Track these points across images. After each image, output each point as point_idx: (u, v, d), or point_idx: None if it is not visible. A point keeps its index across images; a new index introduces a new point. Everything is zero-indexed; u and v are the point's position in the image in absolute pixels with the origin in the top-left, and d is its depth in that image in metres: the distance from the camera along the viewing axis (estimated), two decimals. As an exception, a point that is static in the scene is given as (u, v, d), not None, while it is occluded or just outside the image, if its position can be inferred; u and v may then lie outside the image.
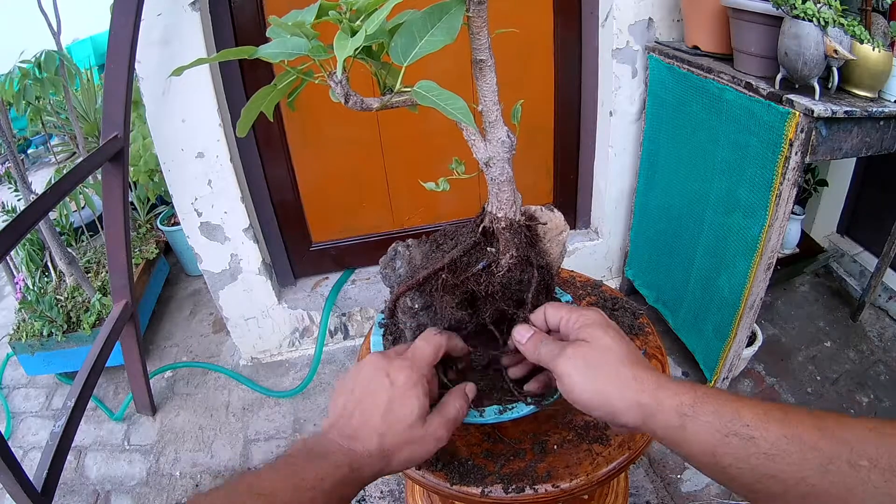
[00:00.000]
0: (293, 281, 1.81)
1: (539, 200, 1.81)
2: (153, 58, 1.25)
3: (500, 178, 0.56)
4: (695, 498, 1.27)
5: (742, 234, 1.23)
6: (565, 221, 0.63)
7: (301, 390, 1.64)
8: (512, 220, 0.58)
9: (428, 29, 0.47)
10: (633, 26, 1.43)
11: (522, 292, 0.59)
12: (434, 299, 0.60)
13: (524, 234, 0.58)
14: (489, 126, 0.54)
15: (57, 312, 1.65)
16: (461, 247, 0.60)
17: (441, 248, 0.63)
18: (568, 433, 0.64)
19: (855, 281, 1.80)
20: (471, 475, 0.60)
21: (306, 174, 1.64)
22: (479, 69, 0.52)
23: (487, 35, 0.49)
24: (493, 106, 0.53)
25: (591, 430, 0.64)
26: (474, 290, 0.59)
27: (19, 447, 1.60)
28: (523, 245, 0.58)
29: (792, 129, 1.04)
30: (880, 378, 1.53)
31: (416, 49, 0.47)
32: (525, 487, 0.58)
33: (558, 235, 0.62)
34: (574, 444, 0.63)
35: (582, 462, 0.60)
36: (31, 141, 3.31)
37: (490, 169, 0.55)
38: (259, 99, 0.55)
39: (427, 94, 0.48)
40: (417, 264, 0.63)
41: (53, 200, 1.13)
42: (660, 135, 1.47)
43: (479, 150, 0.55)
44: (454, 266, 0.59)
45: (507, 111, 0.56)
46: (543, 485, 0.58)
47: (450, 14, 0.47)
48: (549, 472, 0.60)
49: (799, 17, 0.97)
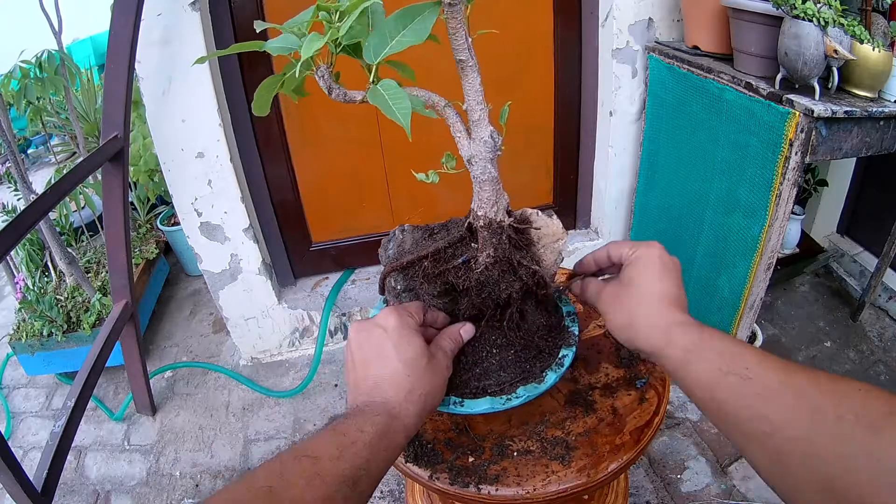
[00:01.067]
0: (293, 281, 1.81)
1: (539, 200, 1.83)
2: (153, 58, 1.25)
3: (481, 177, 0.57)
4: (695, 498, 1.27)
5: (742, 234, 1.23)
6: (563, 229, 0.62)
7: (301, 390, 1.64)
8: (491, 220, 0.58)
9: (399, 30, 0.48)
10: (633, 26, 1.43)
11: (502, 293, 0.59)
12: (415, 284, 0.62)
13: (505, 235, 0.59)
14: (473, 125, 0.55)
15: (57, 312, 1.65)
16: (446, 239, 0.62)
17: (433, 238, 0.65)
18: (533, 444, 0.63)
19: (855, 281, 1.80)
20: (426, 457, 0.62)
21: (306, 174, 1.64)
22: (461, 69, 0.53)
23: (466, 36, 0.50)
24: (475, 105, 0.54)
25: (557, 447, 0.62)
26: (453, 282, 0.60)
27: (19, 447, 1.60)
28: (503, 246, 0.59)
29: (792, 129, 1.04)
30: (880, 378, 1.53)
31: (386, 49, 0.49)
32: (469, 484, 0.59)
33: (554, 242, 0.62)
34: (534, 457, 0.62)
35: (534, 476, 0.59)
36: (31, 141, 3.31)
37: (472, 167, 0.57)
38: (270, 84, 0.57)
39: (382, 93, 0.49)
40: (406, 249, 0.65)
41: (53, 200, 1.13)
42: (660, 135, 1.47)
43: (463, 147, 0.56)
44: (437, 256, 0.61)
45: (497, 111, 0.57)
46: (487, 486, 0.58)
47: (422, 16, 0.48)
48: (499, 475, 0.59)
49: (799, 17, 0.97)
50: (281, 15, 0.57)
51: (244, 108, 1.46)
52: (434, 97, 0.55)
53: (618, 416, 0.65)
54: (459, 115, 0.56)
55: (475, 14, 0.51)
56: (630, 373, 0.70)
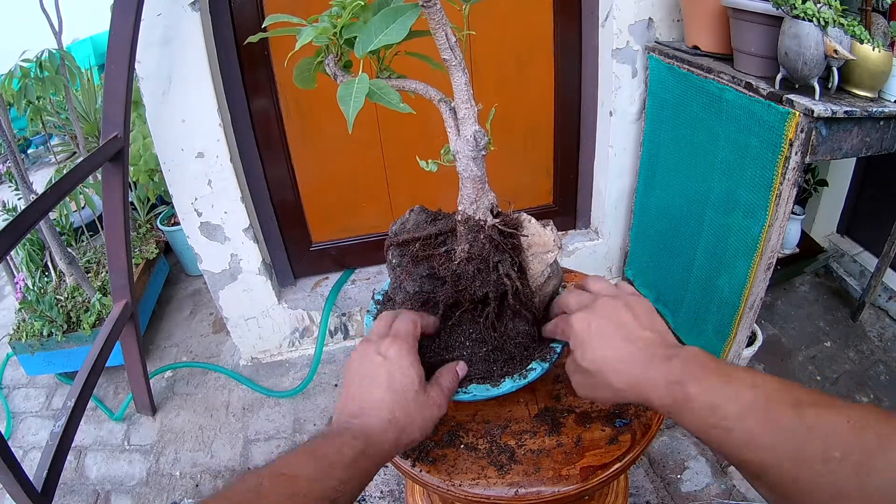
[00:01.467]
0: (293, 281, 1.81)
1: (539, 200, 1.83)
2: (153, 58, 1.25)
3: (463, 174, 0.58)
4: (695, 498, 1.27)
5: (742, 234, 1.23)
6: (556, 242, 0.62)
7: (301, 390, 1.64)
8: (469, 217, 0.60)
9: (383, 29, 0.52)
10: (633, 26, 1.43)
11: (478, 290, 0.60)
12: (406, 262, 0.64)
13: (485, 234, 0.59)
14: (459, 122, 0.56)
15: (57, 312, 1.65)
16: (437, 227, 0.64)
17: (433, 224, 0.67)
18: (483, 443, 0.63)
19: (855, 281, 1.80)
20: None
21: (306, 174, 1.64)
22: (447, 68, 0.54)
23: (447, 36, 0.52)
24: (461, 104, 0.55)
25: (502, 455, 0.61)
26: (436, 268, 0.62)
27: (19, 447, 1.60)
28: (479, 244, 0.59)
29: (792, 129, 1.04)
30: (880, 378, 1.53)
31: (371, 45, 0.53)
32: (409, 457, 0.62)
33: (544, 254, 0.61)
34: (476, 456, 0.61)
35: (466, 473, 0.60)
36: (31, 141, 3.31)
37: (456, 163, 0.58)
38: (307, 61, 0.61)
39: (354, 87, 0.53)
40: (407, 228, 0.68)
41: (53, 200, 1.13)
42: (660, 135, 1.47)
43: (452, 142, 0.57)
44: (427, 241, 0.64)
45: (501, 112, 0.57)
46: (421, 466, 0.61)
47: (404, 16, 0.52)
48: (436, 460, 0.61)
49: (799, 17, 0.97)
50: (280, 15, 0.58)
51: (244, 108, 1.46)
52: (431, 90, 0.57)
53: (579, 447, 0.61)
54: (453, 111, 0.56)
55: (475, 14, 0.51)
56: (617, 408, 0.66)
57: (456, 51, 0.53)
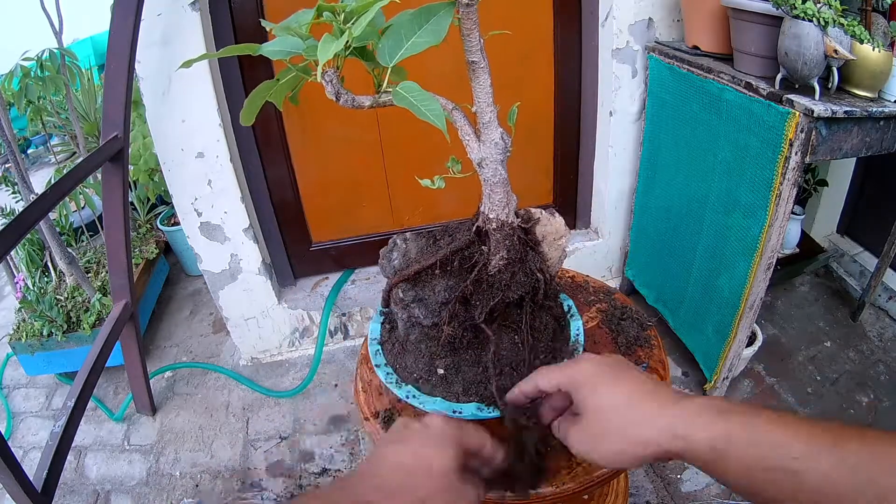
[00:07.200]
0: (293, 281, 1.81)
1: (539, 200, 1.83)
2: (153, 58, 1.25)
3: (492, 180, 0.56)
4: (695, 498, 1.27)
5: (742, 234, 1.23)
6: (566, 226, 0.63)
7: (301, 390, 1.64)
8: (503, 222, 0.58)
9: (415, 31, 0.47)
10: (633, 26, 1.43)
11: (514, 294, 0.59)
12: (425, 294, 0.61)
13: (517, 236, 0.58)
14: (483, 127, 0.54)
15: (57, 312, 1.65)
16: (455, 244, 0.61)
17: (437, 244, 0.64)
18: None
19: (855, 281, 1.80)
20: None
21: (306, 174, 1.64)
22: (472, 70, 0.52)
23: (479, 37, 0.49)
24: (486, 107, 0.53)
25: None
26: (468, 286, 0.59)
27: (19, 447, 1.60)
28: (516, 247, 0.58)
29: (792, 129, 1.03)
30: (880, 378, 1.53)
31: (401, 50, 0.48)
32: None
33: (557, 240, 0.62)
34: None
35: None
36: (31, 141, 3.31)
37: (483, 170, 0.56)
38: (262, 91, 0.55)
39: (406, 95, 0.48)
40: (412, 258, 0.64)
41: (53, 200, 1.13)
42: (660, 135, 1.47)
43: (472, 150, 0.55)
44: (445, 263, 0.60)
45: (505, 112, 0.56)
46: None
47: (438, 16, 0.47)
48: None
49: (799, 17, 0.96)
50: (281, 15, 0.56)
51: (244, 108, 1.46)
52: (441, 100, 0.54)
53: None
54: (468, 118, 0.55)
55: (475, 14, 0.51)
56: None
57: (484, 52, 0.50)
